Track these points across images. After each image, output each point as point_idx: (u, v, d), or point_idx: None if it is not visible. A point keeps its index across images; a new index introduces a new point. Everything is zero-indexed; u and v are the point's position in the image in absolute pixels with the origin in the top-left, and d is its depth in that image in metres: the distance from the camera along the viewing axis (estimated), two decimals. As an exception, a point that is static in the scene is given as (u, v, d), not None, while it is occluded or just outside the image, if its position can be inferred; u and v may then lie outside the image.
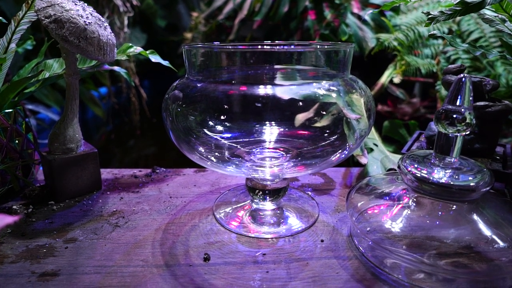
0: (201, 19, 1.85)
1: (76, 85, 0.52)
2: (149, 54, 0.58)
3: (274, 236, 0.44)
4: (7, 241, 0.43)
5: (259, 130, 0.43)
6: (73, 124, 0.53)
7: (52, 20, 0.44)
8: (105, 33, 0.49)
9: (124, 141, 1.91)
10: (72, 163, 0.52)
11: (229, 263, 0.39)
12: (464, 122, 0.35)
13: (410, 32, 1.08)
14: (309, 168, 0.42)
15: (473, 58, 1.01)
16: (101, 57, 0.48)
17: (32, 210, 0.50)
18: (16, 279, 0.36)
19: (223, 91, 0.39)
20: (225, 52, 0.39)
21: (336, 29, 1.24)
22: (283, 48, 0.38)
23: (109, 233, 0.45)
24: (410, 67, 1.06)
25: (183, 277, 0.37)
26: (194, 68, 0.43)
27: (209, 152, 0.42)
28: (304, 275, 0.37)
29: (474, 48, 0.47)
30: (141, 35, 2.18)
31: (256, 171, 0.43)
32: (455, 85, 0.36)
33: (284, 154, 0.45)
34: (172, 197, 0.55)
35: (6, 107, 0.53)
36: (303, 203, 0.52)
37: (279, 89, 0.38)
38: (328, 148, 0.41)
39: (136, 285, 0.36)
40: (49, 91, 1.39)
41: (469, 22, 1.03)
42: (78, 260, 0.40)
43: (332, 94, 0.40)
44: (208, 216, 0.49)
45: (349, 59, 0.42)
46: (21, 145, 0.54)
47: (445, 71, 0.55)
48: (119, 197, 0.55)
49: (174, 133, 0.42)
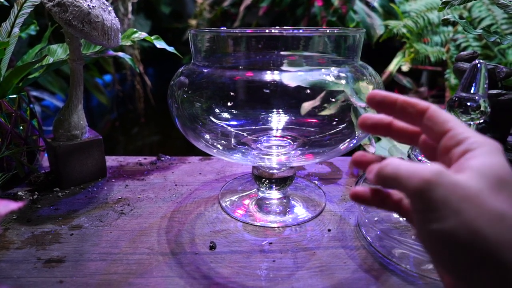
0: (206, 6, 1.83)
1: (80, 71, 0.51)
2: (154, 39, 0.57)
3: (281, 225, 0.44)
4: (12, 227, 0.43)
5: (266, 118, 0.42)
6: (77, 111, 0.52)
7: (56, 3, 0.43)
8: (109, 18, 0.48)
9: (128, 128, 1.91)
10: (77, 150, 0.52)
11: (235, 251, 0.39)
12: (479, 110, 0.34)
13: (420, 19, 1.06)
14: (316, 156, 0.42)
15: (484, 46, 0.99)
16: (105, 42, 0.48)
17: (37, 197, 0.50)
18: (22, 265, 0.36)
19: (230, 77, 0.38)
20: (232, 37, 0.38)
21: (343, 15, 1.22)
22: (292, 32, 0.37)
23: (114, 220, 0.45)
24: (419, 55, 1.04)
25: (189, 265, 0.37)
26: (200, 54, 0.42)
27: (215, 140, 0.41)
28: (311, 264, 0.37)
29: (489, 34, 0.45)
30: (145, 21, 2.16)
31: (262, 160, 0.43)
32: (469, 72, 0.35)
33: (291, 142, 0.44)
34: (178, 185, 0.54)
35: (10, 93, 0.53)
36: (309, 192, 0.52)
37: (287, 75, 0.38)
38: (336, 137, 0.40)
39: (142, 272, 0.36)
40: (53, 78, 1.39)
41: (481, 9, 1.01)
42: (84, 247, 0.40)
43: (341, 81, 0.38)
44: (214, 205, 0.49)
45: (360, 45, 0.41)
46: (25, 131, 0.53)
47: (457, 58, 0.53)
48: (124, 184, 0.54)
49: (180, 120, 0.41)
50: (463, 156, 0.22)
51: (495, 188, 0.20)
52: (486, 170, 0.20)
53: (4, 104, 0.50)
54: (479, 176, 0.20)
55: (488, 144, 0.22)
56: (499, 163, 0.21)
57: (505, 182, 0.20)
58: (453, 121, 0.23)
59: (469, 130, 0.23)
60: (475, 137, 0.22)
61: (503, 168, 0.21)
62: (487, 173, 0.20)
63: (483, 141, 0.22)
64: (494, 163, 0.21)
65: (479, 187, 0.20)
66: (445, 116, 0.24)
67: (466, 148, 0.22)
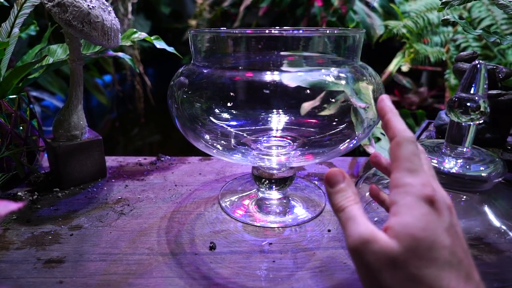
0: (206, 6, 1.83)
1: (80, 71, 0.51)
2: (154, 40, 0.57)
3: (281, 225, 0.44)
4: (12, 227, 0.43)
5: (266, 118, 0.42)
6: (77, 111, 0.52)
7: (55, 4, 0.43)
8: (109, 18, 0.48)
9: (128, 129, 1.91)
10: (77, 150, 0.52)
11: (235, 252, 0.39)
12: (478, 111, 0.34)
13: (420, 19, 1.06)
14: (316, 157, 0.42)
15: (483, 46, 0.99)
16: (105, 42, 0.48)
17: (37, 197, 0.50)
18: (22, 265, 0.36)
19: (230, 78, 0.38)
20: (232, 37, 0.38)
21: (343, 16, 1.22)
22: (292, 32, 0.37)
23: (114, 221, 0.45)
24: (419, 55, 1.04)
25: (189, 265, 0.37)
26: (200, 54, 0.42)
27: (215, 140, 0.41)
28: (311, 265, 0.37)
29: (488, 34, 0.45)
30: (145, 22, 2.16)
31: (262, 160, 0.43)
32: (469, 72, 0.35)
33: (291, 142, 0.44)
34: (177, 185, 0.54)
35: (10, 93, 0.53)
36: (309, 193, 0.52)
37: (287, 76, 0.37)
38: (336, 137, 0.40)
39: (141, 273, 0.36)
40: (53, 78, 1.38)
41: (480, 9, 1.01)
42: (84, 247, 0.40)
43: (341, 81, 0.38)
44: (214, 205, 0.49)
45: (359, 45, 0.41)
46: (25, 132, 0.53)
47: (457, 58, 0.53)
48: (124, 184, 0.54)
49: (180, 120, 0.41)
50: (391, 207, 0.24)
51: (409, 251, 0.21)
52: (401, 233, 0.22)
53: (4, 105, 0.50)
54: (396, 240, 0.22)
55: (411, 195, 0.23)
56: (415, 221, 0.22)
57: (418, 243, 0.21)
58: (400, 161, 0.25)
59: (404, 175, 0.24)
60: (403, 186, 0.24)
61: (417, 227, 0.22)
62: (401, 237, 0.22)
63: (409, 191, 0.23)
64: (409, 223, 0.22)
65: (394, 255, 0.21)
66: (398, 153, 0.25)
67: (393, 200, 0.24)
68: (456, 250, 0.22)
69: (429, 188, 0.23)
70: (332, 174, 0.26)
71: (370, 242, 0.22)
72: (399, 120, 0.27)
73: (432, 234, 0.22)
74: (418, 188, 0.23)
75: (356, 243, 0.23)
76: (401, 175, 0.24)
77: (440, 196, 0.24)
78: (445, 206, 0.24)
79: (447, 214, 0.23)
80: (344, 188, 0.26)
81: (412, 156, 0.24)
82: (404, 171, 0.24)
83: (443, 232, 0.22)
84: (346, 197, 0.25)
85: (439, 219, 0.23)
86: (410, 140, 0.25)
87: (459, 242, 0.23)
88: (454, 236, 0.23)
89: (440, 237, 0.22)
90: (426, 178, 0.24)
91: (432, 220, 0.22)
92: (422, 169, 0.24)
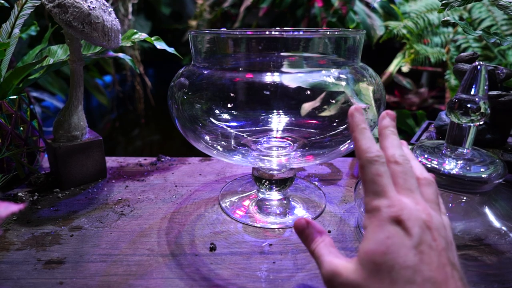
0: (206, 7, 1.83)
1: (80, 71, 0.51)
2: (154, 40, 0.57)
3: (281, 226, 0.44)
4: (12, 228, 0.43)
5: (266, 119, 0.42)
6: (77, 112, 0.52)
7: (56, 5, 0.43)
8: (109, 19, 0.48)
9: (128, 129, 1.91)
10: (77, 151, 0.52)
11: (235, 253, 0.39)
12: (479, 112, 0.34)
13: (420, 20, 1.06)
14: (317, 158, 0.42)
15: (484, 47, 0.99)
16: (105, 43, 0.48)
17: (37, 198, 0.50)
18: (22, 266, 0.36)
19: (230, 79, 0.38)
20: (232, 38, 0.38)
21: (343, 16, 1.22)
22: (292, 33, 0.37)
23: (114, 222, 0.45)
24: (419, 56, 1.04)
25: (189, 266, 0.37)
26: (200, 55, 0.42)
27: (215, 141, 0.41)
28: (311, 266, 0.37)
29: (489, 35, 0.45)
30: (146, 22, 2.16)
31: (262, 161, 0.42)
32: (469, 73, 0.35)
33: (292, 143, 0.44)
34: (178, 186, 0.54)
35: (11, 94, 0.53)
36: (309, 193, 0.52)
37: (287, 77, 0.37)
38: (337, 138, 0.40)
39: (142, 274, 0.36)
40: (53, 79, 1.39)
41: (481, 10, 1.01)
42: (84, 248, 0.40)
43: (341, 82, 0.38)
44: (214, 206, 0.49)
45: (360, 46, 0.41)
46: (25, 132, 0.53)
47: (457, 59, 0.53)
48: (124, 185, 0.54)
49: (180, 121, 0.41)
50: (364, 232, 0.25)
51: (371, 276, 0.23)
52: (364, 259, 0.23)
53: (4, 105, 0.50)
54: (361, 266, 0.24)
55: (378, 219, 0.24)
56: (377, 246, 0.23)
57: (379, 267, 0.23)
58: (365, 184, 0.25)
59: (371, 198, 0.25)
60: (371, 211, 0.25)
61: (378, 251, 0.23)
62: (364, 263, 0.23)
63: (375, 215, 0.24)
64: (370, 249, 0.23)
65: (359, 282, 0.23)
66: (363, 177, 0.26)
67: (364, 224, 0.25)
68: (421, 268, 0.22)
69: (395, 209, 0.24)
70: (297, 224, 0.30)
71: (335, 276, 0.25)
72: (364, 138, 0.26)
73: (393, 257, 0.22)
74: (384, 210, 0.24)
75: (325, 279, 0.25)
76: (369, 199, 0.25)
77: (411, 214, 0.24)
78: (418, 223, 0.23)
79: (418, 231, 0.23)
80: (308, 233, 0.29)
81: (376, 177, 0.25)
82: (370, 195, 0.25)
83: (409, 251, 0.22)
84: (313, 240, 0.28)
85: (405, 238, 0.23)
86: (372, 160, 0.25)
87: (429, 259, 0.22)
88: (425, 253, 0.22)
89: (402, 258, 0.22)
90: (392, 198, 0.24)
91: (395, 243, 0.23)
92: (387, 189, 0.25)
